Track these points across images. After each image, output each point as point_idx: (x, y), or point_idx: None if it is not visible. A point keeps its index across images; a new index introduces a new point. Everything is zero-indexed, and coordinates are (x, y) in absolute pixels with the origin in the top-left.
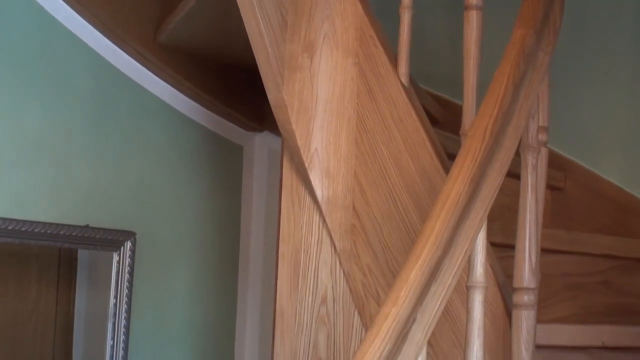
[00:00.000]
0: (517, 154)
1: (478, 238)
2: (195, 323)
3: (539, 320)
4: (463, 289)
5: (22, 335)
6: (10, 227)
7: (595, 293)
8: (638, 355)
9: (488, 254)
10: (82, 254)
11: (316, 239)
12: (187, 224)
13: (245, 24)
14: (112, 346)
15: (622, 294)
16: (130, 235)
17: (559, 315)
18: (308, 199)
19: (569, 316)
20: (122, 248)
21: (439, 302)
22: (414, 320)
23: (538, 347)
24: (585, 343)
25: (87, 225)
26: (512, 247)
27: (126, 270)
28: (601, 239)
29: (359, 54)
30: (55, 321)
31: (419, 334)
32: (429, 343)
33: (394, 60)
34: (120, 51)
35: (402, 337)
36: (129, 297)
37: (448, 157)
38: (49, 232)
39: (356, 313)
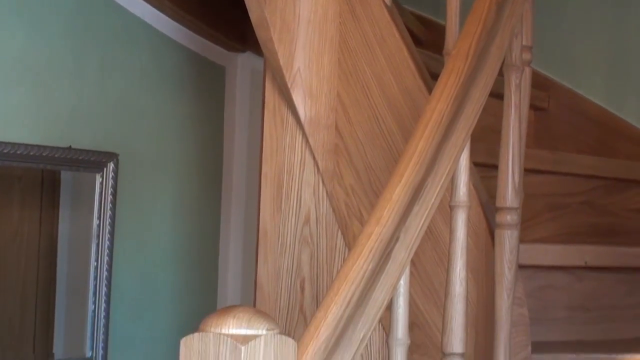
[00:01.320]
0: (501, 74)
1: (461, 157)
2: (179, 243)
3: (522, 240)
4: (446, 209)
5: (6, 257)
6: None
7: (578, 213)
8: (620, 275)
9: (471, 174)
10: (65, 176)
11: (299, 159)
12: (169, 145)
13: None
14: (96, 267)
15: (605, 214)
16: (112, 156)
17: (542, 235)
18: (291, 119)
19: (551, 236)
20: (104, 169)
21: (422, 222)
22: (397, 239)
23: (521, 267)
24: (568, 263)
25: (70, 146)
26: (495, 167)
27: (109, 191)
28: (584, 159)
29: None
30: (39, 243)
31: (402, 253)
32: (412, 262)
33: None
34: None
35: (385, 256)
36: (112, 218)
37: (431, 77)
38: (31, 154)
39: (339, 233)
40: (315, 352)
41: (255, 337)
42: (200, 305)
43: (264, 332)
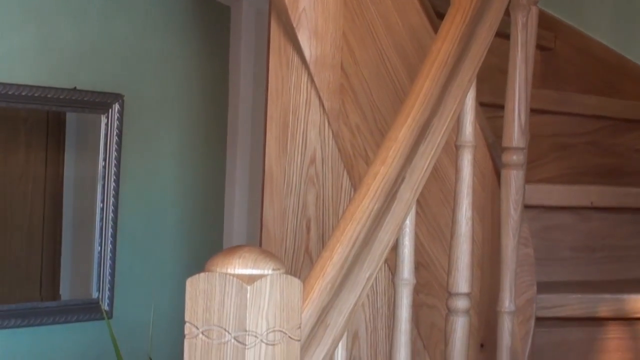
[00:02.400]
0: (507, 13)
1: (467, 97)
2: (184, 184)
3: (528, 180)
4: (452, 149)
5: (12, 199)
6: None
7: (584, 153)
8: (626, 215)
9: (477, 114)
10: (70, 117)
11: (304, 99)
12: (175, 86)
13: None
14: (102, 208)
15: (611, 154)
16: (118, 97)
17: (547, 176)
18: (296, 59)
19: (557, 176)
20: (110, 110)
21: (427, 161)
22: (403, 179)
23: (527, 207)
24: (574, 203)
25: (75, 88)
26: (501, 107)
27: (114, 132)
28: (590, 100)
29: None
30: (44, 184)
31: (408, 193)
32: (418, 202)
33: None
34: None
35: (391, 196)
36: (118, 159)
37: (437, 16)
38: (36, 95)
39: (345, 173)
40: (321, 291)
41: (261, 277)
42: (206, 246)
43: (270, 272)
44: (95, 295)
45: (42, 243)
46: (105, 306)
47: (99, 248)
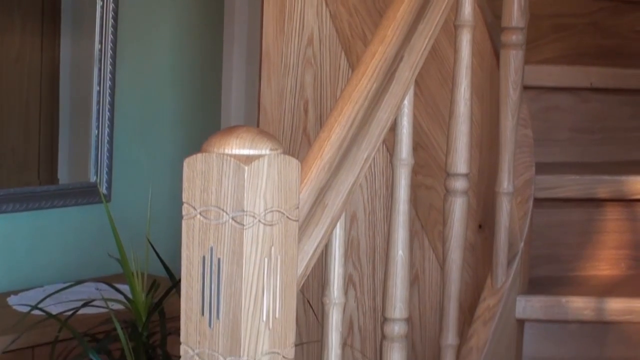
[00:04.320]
0: None
1: None
2: (181, 66)
3: (527, 61)
4: (451, 30)
5: (8, 84)
6: None
7: (584, 34)
8: (626, 96)
9: None
10: (66, 0)
11: None
12: None
13: None
14: (99, 92)
15: (612, 35)
16: None
17: (547, 57)
18: None
19: (557, 57)
20: None
21: (426, 41)
22: (402, 58)
23: (526, 88)
24: (573, 84)
25: None
26: None
27: (110, 15)
28: None
29: None
30: (40, 69)
31: (407, 73)
32: (417, 83)
33: None
34: None
35: (389, 75)
36: (114, 42)
37: None
38: None
39: (343, 54)
40: (319, 172)
41: (258, 157)
42: (204, 128)
43: (267, 152)
44: (93, 179)
45: (39, 127)
46: (103, 190)
47: (96, 132)
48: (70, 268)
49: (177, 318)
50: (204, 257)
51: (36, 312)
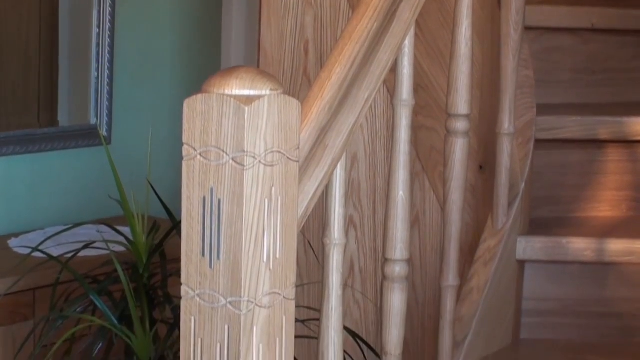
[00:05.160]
0: None
1: None
2: (181, 7)
3: (528, 1)
4: None
5: (7, 26)
6: None
7: None
8: (627, 37)
9: None
10: None
11: None
12: None
13: None
14: (98, 34)
15: None
16: None
17: None
18: None
19: None
20: None
21: None
22: None
23: (527, 29)
24: (575, 25)
25: None
26: None
27: None
28: None
29: None
30: (40, 11)
31: (407, 13)
32: (417, 24)
33: None
34: None
35: (390, 15)
36: None
37: None
38: None
39: None
40: (320, 112)
41: (258, 97)
42: (203, 69)
43: (268, 92)
44: (93, 121)
45: (39, 70)
46: (103, 132)
47: (96, 74)
48: (70, 211)
49: (178, 260)
50: (204, 198)
51: (37, 254)
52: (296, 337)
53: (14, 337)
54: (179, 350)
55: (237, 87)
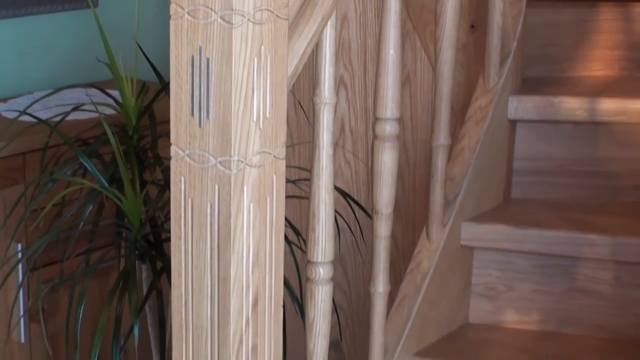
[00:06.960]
0: None
1: None
2: None
3: None
4: None
5: None
6: None
7: None
8: None
9: None
10: None
11: None
12: None
13: None
14: None
15: None
16: None
17: None
18: None
19: None
20: None
21: None
22: None
23: None
24: None
25: None
26: None
27: None
28: None
29: None
30: None
31: None
32: None
33: None
34: None
35: None
36: None
37: None
38: None
39: None
40: None
41: None
42: None
43: None
44: None
45: None
46: None
47: None
48: (59, 75)
49: (167, 122)
50: (192, 57)
51: (27, 118)
52: (287, 196)
53: (4, 200)
54: (169, 211)
55: None
